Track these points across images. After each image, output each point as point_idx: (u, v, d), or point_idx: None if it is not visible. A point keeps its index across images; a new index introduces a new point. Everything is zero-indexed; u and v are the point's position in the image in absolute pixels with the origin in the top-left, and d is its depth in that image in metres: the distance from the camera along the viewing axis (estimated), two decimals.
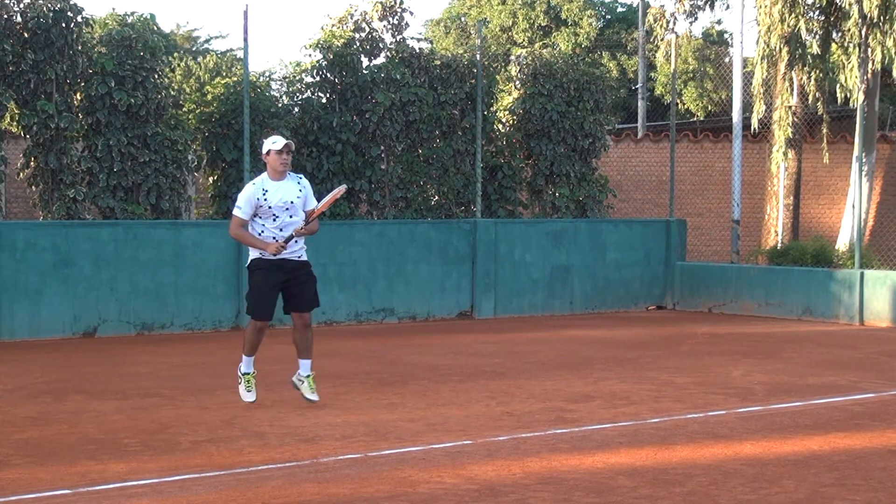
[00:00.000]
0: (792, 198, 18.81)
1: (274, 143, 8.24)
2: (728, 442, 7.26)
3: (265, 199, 8.19)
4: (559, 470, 6.44)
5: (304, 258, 8.41)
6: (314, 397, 8.44)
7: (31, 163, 13.51)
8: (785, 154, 17.69)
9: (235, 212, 8.30)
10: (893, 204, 19.43)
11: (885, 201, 19.53)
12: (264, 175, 8.32)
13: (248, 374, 8.46)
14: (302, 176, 8.50)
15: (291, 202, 8.24)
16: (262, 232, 8.25)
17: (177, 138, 14.12)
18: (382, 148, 15.54)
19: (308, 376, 8.48)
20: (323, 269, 14.34)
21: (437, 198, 16.10)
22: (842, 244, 17.22)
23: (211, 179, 14.93)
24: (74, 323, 12.83)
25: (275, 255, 8.19)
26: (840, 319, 14.98)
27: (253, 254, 8.37)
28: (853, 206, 16.27)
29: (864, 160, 16.27)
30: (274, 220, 8.23)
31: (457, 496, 5.84)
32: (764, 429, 7.71)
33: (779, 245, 17.79)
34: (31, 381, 9.67)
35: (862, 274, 14.79)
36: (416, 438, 7.30)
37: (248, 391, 8.43)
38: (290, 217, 8.24)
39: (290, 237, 8.21)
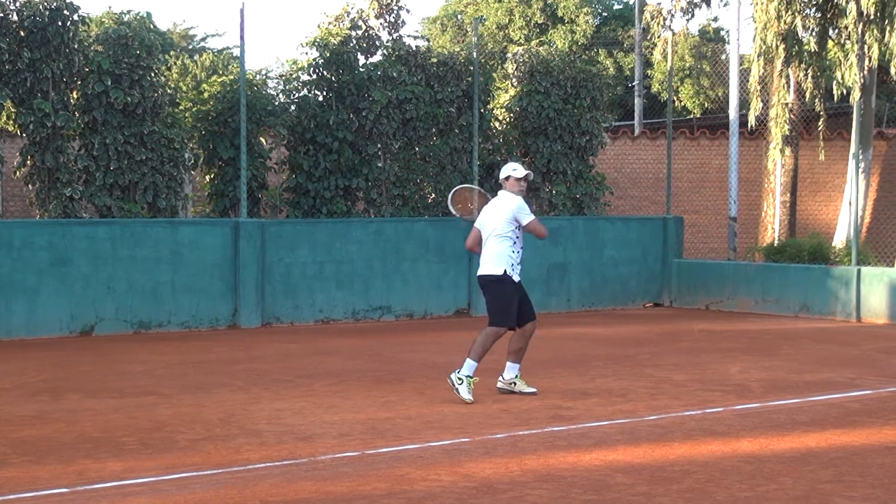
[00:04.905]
0: (789, 195, 18.81)
1: (514, 170, 8.97)
2: (725, 439, 7.27)
3: None
4: (557, 467, 6.45)
5: None
6: (531, 389, 8.93)
7: (28, 161, 13.49)
8: (782, 151, 17.69)
9: (533, 215, 8.90)
10: (890, 201, 19.43)
11: (882, 198, 19.54)
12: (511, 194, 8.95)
13: (472, 377, 8.68)
14: None
15: None
16: (515, 244, 8.87)
17: (173, 136, 14.11)
18: (379, 146, 15.54)
19: (516, 376, 8.97)
20: (320, 267, 14.36)
21: (433, 195, 16.10)
22: (839, 241, 17.22)
23: (208, 178, 14.93)
24: (71, 321, 12.81)
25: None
26: (837, 316, 14.99)
27: (506, 268, 8.80)
28: (850, 203, 16.28)
29: (860, 157, 16.27)
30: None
31: (454, 494, 5.84)
32: (761, 426, 7.72)
33: (776, 242, 17.79)
34: (28, 379, 9.66)
35: (859, 271, 14.80)
36: (413, 436, 7.30)
37: (469, 393, 8.60)
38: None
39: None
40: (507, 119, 17.03)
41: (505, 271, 8.75)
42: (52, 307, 12.69)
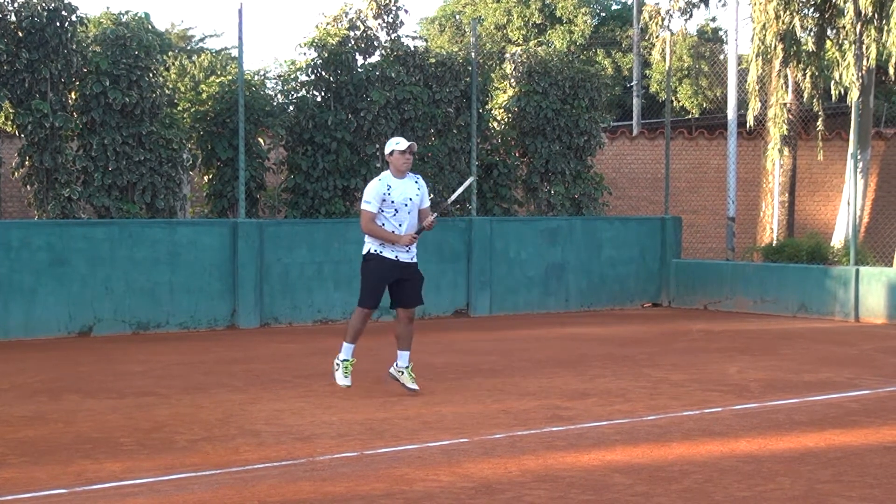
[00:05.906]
0: (787, 195, 18.83)
1: (397, 143, 8.79)
2: (724, 439, 7.27)
3: (389, 195, 8.71)
4: (555, 467, 6.45)
5: (415, 259, 8.98)
6: (414, 386, 8.85)
7: (26, 162, 13.48)
8: (780, 151, 17.70)
9: (365, 206, 8.74)
10: (888, 200, 19.45)
11: (880, 198, 19.55)
12: (387, 173, 8.85)
13: (348, 360, 8.91)
14: (419, 177, 9.05)
15: (411, 199, 8.80)
16: (384, 225, 8.76)
17: (172, 137, 14.10)
18: (377, 146, 15.53)
19: (407, 367, 8.90)
20: (318, 267, 14.36)
21: (432, 196, 16.07)
22: (837, 241, 17.24)
23: (206, 178, 14.92)
24: (70, 322, 12.81)
25: (407, 245, 8.77)
26: (835, 316, 15.00)
27: (372, 246, 8.87)
28: (848, 203, 16.29)
29: (859, 157, 16.29)
30: (395, 214, 8.73)
31: (453, 494, 5.84)
32: (760, 425, 7.72)
33: (774, 242, 17.80)
34: (26, 380, 9.66)
35: (857, 270, 14.81)
36: (412, 436, 7.30)
37: (346, 377, 8.85)
38: (409, 213, 8.78)
39: (422, 230, 8.79)
40: (506, 119, 17.03)
41: (370, 251, 8.83)
42: (50, 308, 12.68)
